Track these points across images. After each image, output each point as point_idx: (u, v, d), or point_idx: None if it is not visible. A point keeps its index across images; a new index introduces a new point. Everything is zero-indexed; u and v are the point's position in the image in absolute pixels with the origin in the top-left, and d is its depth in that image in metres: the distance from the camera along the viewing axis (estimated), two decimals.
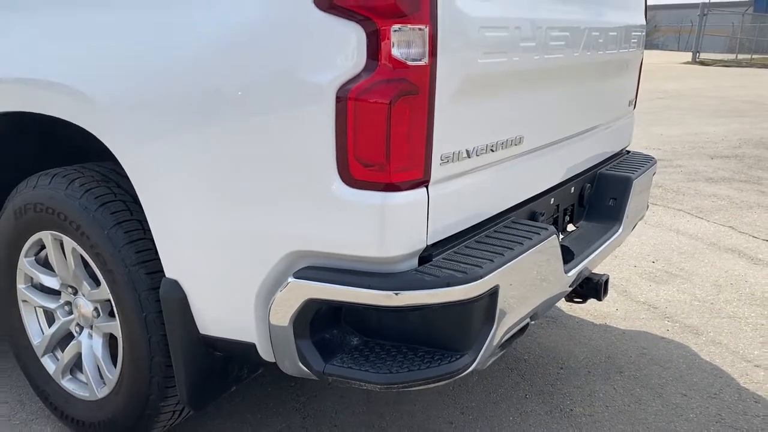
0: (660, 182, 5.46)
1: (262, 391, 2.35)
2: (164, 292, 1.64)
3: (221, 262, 1.56)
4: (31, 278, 2.06)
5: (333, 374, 1.46)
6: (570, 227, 2.34)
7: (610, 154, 2.54)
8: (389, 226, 1.39)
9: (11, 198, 1.98)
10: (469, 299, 1.41)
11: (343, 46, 1.32)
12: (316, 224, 1.42)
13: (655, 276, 3.50)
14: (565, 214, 2.20)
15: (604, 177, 2.36)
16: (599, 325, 2.93)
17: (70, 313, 2.03)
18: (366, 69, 1.31)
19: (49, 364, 2.10)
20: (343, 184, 1.38)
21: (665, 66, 20.38)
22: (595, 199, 2.34)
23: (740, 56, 25.60)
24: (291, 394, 2.34)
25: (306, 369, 1.51)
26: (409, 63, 1.33)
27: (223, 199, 1.50)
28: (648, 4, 2.68)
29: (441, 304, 1.40)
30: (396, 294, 1.39)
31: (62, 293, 2.03)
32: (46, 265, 2.03)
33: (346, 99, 1.32)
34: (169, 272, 1.63)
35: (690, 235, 4.19)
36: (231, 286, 1.56)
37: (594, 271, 2.19)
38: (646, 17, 2.60)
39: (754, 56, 25.52)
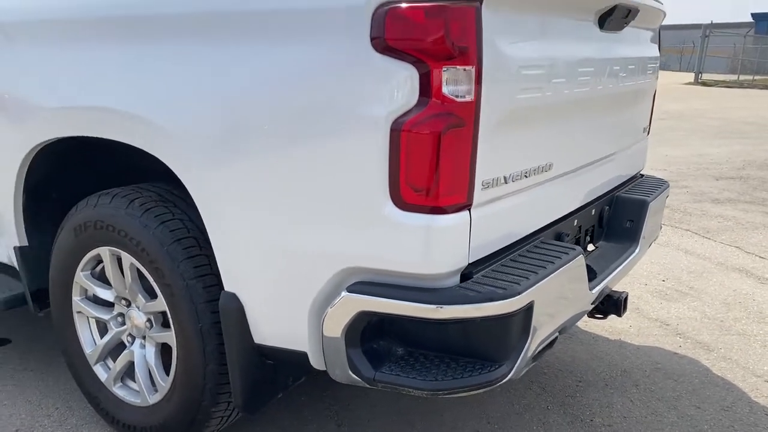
0: (667, 203, 5.59)
1: (297, 400, 2.47)
2: (223, 304, 1.78)
3: (278, 277, 1.69)
4: (86, 290, 2.20)
5: (383, 381, 1.59)
6: (590, 247, 2.48)
7: (627, 178, 2.68)
8: (436, 246, 1.53)
9: (70, 216, 2.12)
10: (508, 313, 1.55)
11: (398, 84, 1.46)
12: (368, 243, 1.56)
13: (665, 294, 3.63)
14: (586, 235, 2.34)
15: (621, 200, 2.50)
16: (614, 340, 3.05)
17: (123, 324, 2.17)
18: (418, 104, 1.46)
19: (101, 372, 2.23)
20: (394, 207, 1.52)
21: (668, 86, 20.60)
22: (614, 220, 2.48)
23: (742, 77, 25.85)
24: (324, 403, 2.46)
25: (356, 376, 1.64)
26: (457, 99, 1.47)
27: (282, 220, 1.64)
28: None
29: (483, 317, 1.53)
30: (442, 308, 1.52)
31: (116, 305, 2.16)
32: (100, 278, 2.17)
33: (399, 131, 1.47)
34: (228, 286, 1.77)
35: (698, 255, 4.32)
36: (286, 299, 1.70)
37: (613, 289, 2.32)
38: (659, 48, 2.76)
39: (756, 77, 25.76)
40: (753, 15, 37.13)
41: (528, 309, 1.61)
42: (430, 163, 1.48)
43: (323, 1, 1.50)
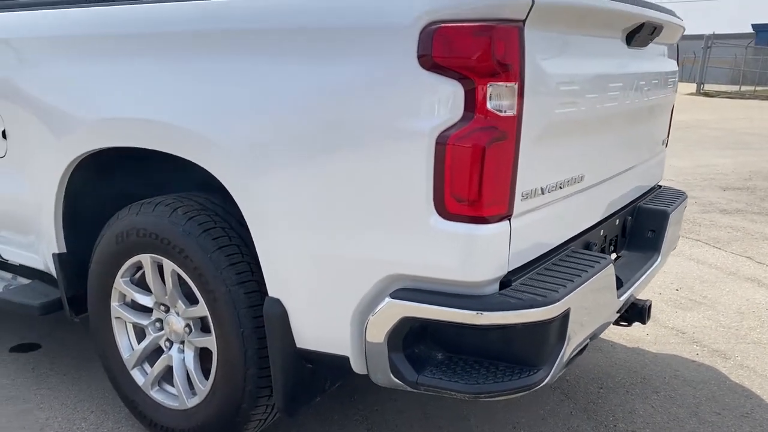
0: None
1: (326, 405, 2.52)
2: (267, 309, 1.84)
3: (322, 284, 1.75)
4: (124, 296, 2.26)
5: (425, 384, 1.65)
6: (613, 256, 2.54)
7: (647, 189, 2.75)
8: (478, 254, 1.60)
9: (111, 224, 2.18)
10: (547, 320, 1.61)
11: (444, 99, 1.53)
12: (412, 251, 1.63)
13: (680, 303, 3.68)
14: (610, 244, 2.40)
15: (643, 210, 2.57)
16: (632, 348, 3.11)
17: (161, 329, 2.23)
18: (463, 119, 1.53)
19: (138, 377, 2.28)
20: (438, 216, 1.58)
21: None
22: (636, 230, 2.54)
23: (744, 88, 26.00)
24: (352, 408, 2.52)
25: (398, 380, 1.70)
26: (500, 114, 1.54)
27: (327, 228, 1.70)
28: None
29: (524, 323, 1.59)
30: (484, 314, 1.58)
31: (154, 311, 2.22)
32: (139, 284, 2.23)
33: (445, 144, 1.53)
34: (273, 291, 1.83)
35: (709, 265, 4.38)
36: (329, 304, 1.76)
37: (637, 297, 2.38)
38: (678, 62, 2.83)
39: (757, 88, 25.92)
40: (753, 26, 37.35)
41: (565, 316, 1.67)
42: (474, 174, 1.54)
43: (373, 20, 1.57)
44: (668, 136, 2.93)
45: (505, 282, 1.67)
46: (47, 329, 3.15)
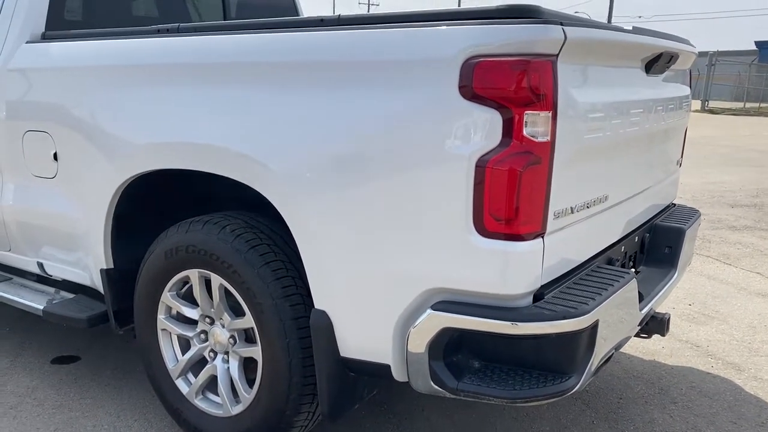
0: None
1: (357, 414, 2.64)
2: (314, 320, 1.96)
3: (366, 296, 1.88)
4: (171, 309, 2.39)
5: (465, 390, 1.77)
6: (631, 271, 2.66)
7: (663, 207, 2.87)
8: (514, 269, 1.72)
9: (160, 240, 2.32)
10: (578, 330, 1.73)
11: (483, 126, 1.67)
12: (452, 266, 1.75)
13: (693, 318, 3.79)
14: (630, 260, 2.53)
15: (660, 227, 2.69)
16: (648, 360, 3.22)
17: (205, 340, 2.35)
18: (501, 144, 1.66)
19: (182, 386, 2.40)
20: (477, 234, 1.71)
21: None
22: (653, 247, 2.67)
23: (748, 105, 26.16)
24: (382, 417, 2.63)
25: (438, 387, 1.82)
26: (535, 140, 1.68)
27: (373, 245, 1.84)
28: None
29: (556, 333, 1.72)
30: (520, 324, 1.71)
31: (199, 323, 2.35)
32: (185, 298, 2.36)
33: (484, 167, 1.67)
34: (319, 304, 1.96)
35: (720, 280, 4.49)
36: (373, 316, 1.89)
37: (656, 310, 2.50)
38: (690, 86, 2.97)
39: (761, 105, 26.07)
40: (757, 43, 37.60)
41: (594, 327, 1.79)
42: (511, 196, 1.68)
43: (419, 54, 1.71)
44: (682, 156, 3.07)
45: (538, 295, 1.80)
46: (85, 341, 3.27)
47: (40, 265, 2.82)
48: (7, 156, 2.74)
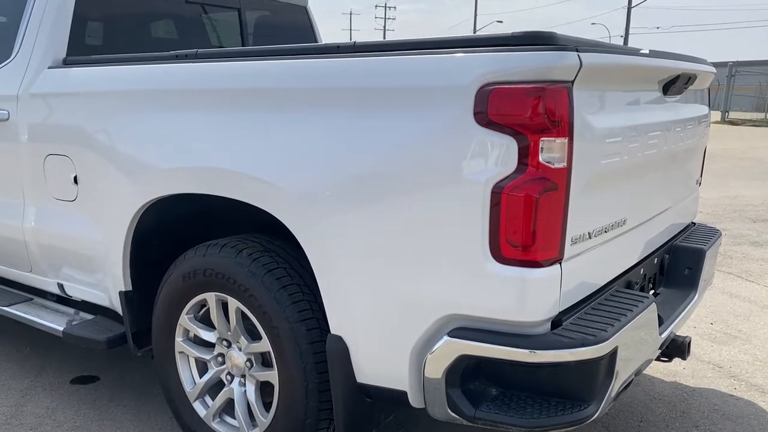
0: None
1: None
2: (330, 345, 1.96)
3: (382, 322, 1.88)
4: (188, 332, 2.40)
5: (482, 418, 1.76)
6: (651, 294, 2.63)
7: (682, 227, 2.84)
8: (532, 296, 1.71)
9: (178, 263, 2.33)
10: (597, 358, 1.71)
11: (499, 153, 1.66)
12: (468, 293, 1.75)
13: (715, 337, 3.73)
14: (649, 282, 2.50)
15: (680, 248, 2.66)
16: (670, 382, 3.17)
17: (222, 363, 2.36)
18: (517, 171, 1.66)
19: (200, 409, 2.41)
20: (494, 260, 1.71)
21: None
22: (673, 268, 2.63)
23: None
24: None
25: (455, 414, 1.80)
26: (552, 166, 1.67)
27: (389, 270, 1.83)
28: None
29: (576, 361, 1.70)
30: (538, 352, 1.69)
31: (216, 346, 2.36)
32: (202, 321, 2.37)
33: (500, 194, 1.66)
34: (335, 329, 1.96)
35: (743, 298, 4.42)
36: (389, 342, 1.88)
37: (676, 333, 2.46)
38: (709, 103, 2.95)
39: None
40: None
41: (613, 353, 1.77)
42: (528, 222, 1.67)
43: (434, 80, 1.72)
44: (701, 176, 3.03)
45: (557, 321, 1.78)
46: (105, 362, 3.30)
47: (60, 287, 2.85)
48: (29, 179, 2.78)
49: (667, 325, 2.27)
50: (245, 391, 2.29)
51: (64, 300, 2.97)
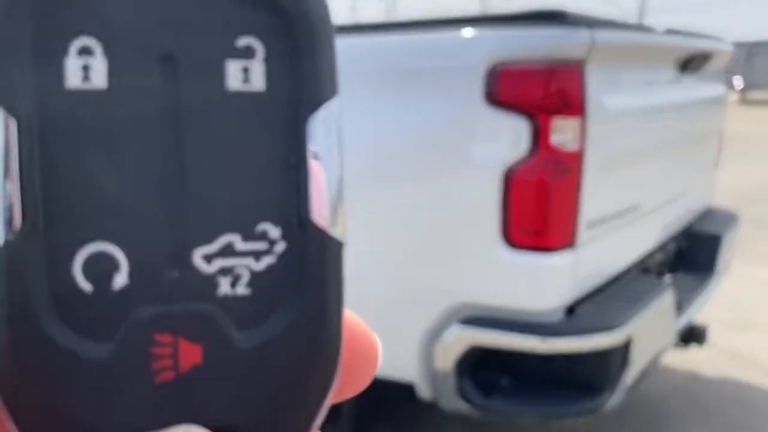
0: None
1: None
2: None
3: (389, 310, 1.84)
4: None
5: (495, 408, 1.71)
6: (668, 279, 2.56)
7: (699, 212, 2.77)
8: (545, 283, 1.66)
9: None
10: (611, 346, 1.66)
11: (510, 135, 1.61)
12: (480, 280, 1.70)
13: (733, 324, 3.66)
14: (665, 268, 2.43)
15: (696, 233, 2.59)
16: (687, 371, 3.11)
17: None
18: (529, 154, 1.60)
19: None
20: (505, 246, 1.65)
21: None
22: (690, 253, 2.57)
23: None
24: None
25: (465, 405, 1.76)
26: (564, 148, 1.61)
27: (397, 257, 1.79)
28: None
29: (590, 349, 1.65)
30: (551, 340, 1.64)
31: None
32: None
33: (512, 178, 1.61)
34: None
35: (762, 284, 4.33)
36: (396, 331, 1.84)
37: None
38: (727, 85, 2.87)
39: None
40: None
41: (628, 341, 1.71)
42: (540, 207, 1.61)
43: (442, 60, 1.67)
44: (719, 158, 2.95)
45: (570, 309, 1.73)
46: None
47: None
48: None
49: (684, 311, 2.21)
50: None
51: None
